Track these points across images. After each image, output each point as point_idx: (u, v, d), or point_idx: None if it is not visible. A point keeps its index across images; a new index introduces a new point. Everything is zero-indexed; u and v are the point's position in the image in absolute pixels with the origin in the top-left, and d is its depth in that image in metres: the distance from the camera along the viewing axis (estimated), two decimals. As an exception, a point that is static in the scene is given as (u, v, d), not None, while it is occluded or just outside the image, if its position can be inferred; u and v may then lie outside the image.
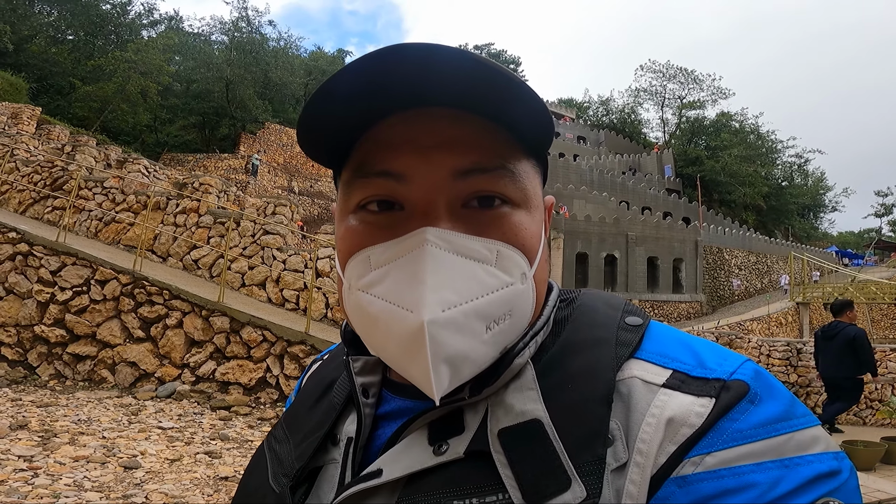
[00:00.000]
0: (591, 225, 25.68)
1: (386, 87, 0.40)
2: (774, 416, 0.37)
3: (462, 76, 0.39)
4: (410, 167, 0.41)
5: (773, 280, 31.66)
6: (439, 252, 0.40)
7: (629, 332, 0.44)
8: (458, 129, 0.42)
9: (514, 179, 0.43)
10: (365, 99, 0.41)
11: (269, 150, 28.12)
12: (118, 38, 29.21)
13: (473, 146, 0.42)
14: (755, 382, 0.39)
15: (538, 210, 0.46)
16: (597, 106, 54.02)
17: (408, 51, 0.38)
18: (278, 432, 0.52)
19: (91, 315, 6.82)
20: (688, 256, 27.08)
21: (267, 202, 10.06)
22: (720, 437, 0.36)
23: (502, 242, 0.42)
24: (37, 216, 9.53)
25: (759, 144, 45.37)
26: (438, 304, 0.38)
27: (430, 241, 0.40)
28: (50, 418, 4.80)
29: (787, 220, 47.08)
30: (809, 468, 0.35)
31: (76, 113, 24.34)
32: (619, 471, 0.37)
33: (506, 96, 0.40)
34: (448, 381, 0.38)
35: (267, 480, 0.48)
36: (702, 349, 0.42)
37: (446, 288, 0.39)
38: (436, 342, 0.37)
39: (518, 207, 0.44)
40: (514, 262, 0.42)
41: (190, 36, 33.91)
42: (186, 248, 8.84)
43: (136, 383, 6.47)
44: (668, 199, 34.71)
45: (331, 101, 0.41)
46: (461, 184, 0.42)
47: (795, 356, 12.48)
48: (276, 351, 6.44)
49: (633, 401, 0.39)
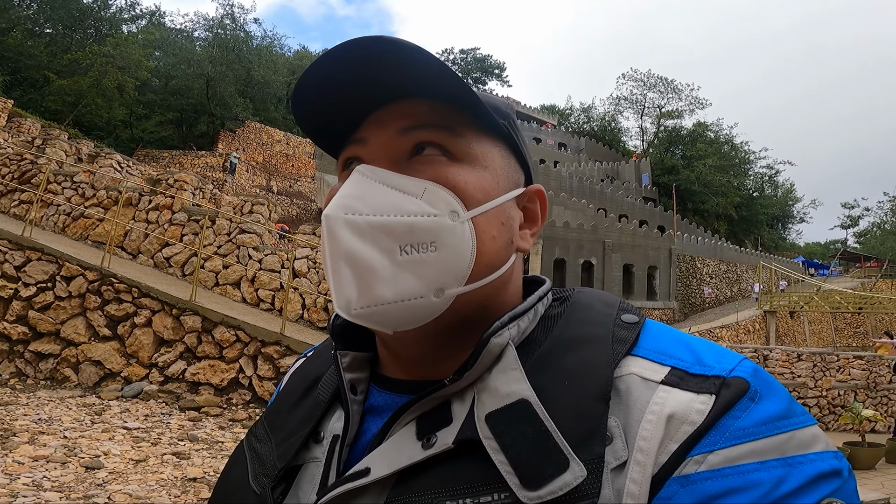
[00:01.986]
0: (570, 231, 26.00)
1: (362, 90, 0.46)
2: (776, 413, 0.37)
3: (426, 73, 0.43)
4: (369, 133, 0.47)
5: (743, 288, 32.49)
6: (364, 179, 0.44)
7: (625, 329, 0.44)
8: (411, 108, 0.46)
9: (454, 136, 0.46)
10: (347, 105, 0.48)
11: (248, 148, 27.69)
12: (98, 33, 28.47)
13: (420, 114, 0.46)
14: (755, 380, 0.38)
15: (490, 172, 0.47)
16: (578, 113, 54.75)
17: (372, 52, 0.43)
18: (259, 431, 0.51)
19: (55, 312, 6.62)
20: (662, 264, 27.63)
21: (244, 200, 9.91)
22: (723, 434, 0.36)
23: (432, 181, 0.44)
24: (3, 209, 9.21)
25: (733, 155, 46.51)
26: (342, 208, 0.42)
27: (358, 169, 0.44)
28: (9, 417, 4.63)
29: (757, 230, 48.34)
30: (812, 466, 0.35)
31: (49, 106, 23.65)
32: (618, 469, 0.36)
33: (448, 80, 0.44)
34: (356, 289, 0.41)
35: (247, 480, 0.47)
36: (699, 347, 0.42)
37: (357, 200, 0.42)
38: (333, 236, 0.41)
39: (459, 161, 0.46)
40: (442, 199, 0.43)
41: (172, 32, 33.24)
42: (158, 245, 8.65)
43: (101, 383, 6.29)
44: (644, 207, 35.37)
45: (315, 108, 0.49)
46: (404, 138, 0.46)
47: (762, 362, 12.85)
48: (250, 351, 6.34)
49: (632, 398, 0.39)
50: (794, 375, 12.59)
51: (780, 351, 13.17)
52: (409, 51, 0.42)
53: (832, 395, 12.11)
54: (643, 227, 29.23)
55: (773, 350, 13.24)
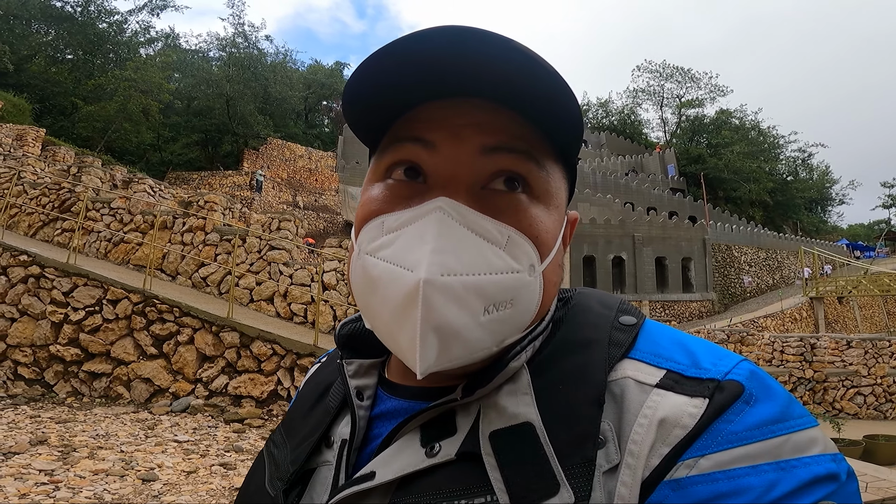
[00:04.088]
0: (597, 227, 25.65)
1: (427, 77, 0.41)
2: (770, 417, 0.36)
3: (503, 70, 0.39)
4: (440, 138, 0.42)
5: (786, 275, 31.35)
6: (450, 221, 0.39)
7: (622, 331, 0.43)
8: (490, 115, 0.42)
9: (538, 169, 0.43)
10: (406, 86, 0.42)
11: (272, 165, 28.33)
12: (117, 57, 29.19)
13: (504, 130, 0.42)
14: (750, 383, 0.38)
15: (558, 211, 0.45)
16: (596, 108, 54.04)
17: (447, 39, 0.38)
18: (277, 437, 0.53)
19: (104, 334, 6.92)
20: (696, 255, 26.95)
21: (272, 218, 10.16)
22: (715, 438, 0.35)
23: (515, 229, 0.41)
24: (47, 238, 9.68)
25: (761, 140, 45.14)
26: (439, 267, 0.38)
27: (443, 209, 0.40)
28: (69, 434, 4.87)
29: (795, 214, 46.69)
30: (806, 470, 0.34)
31: (80, 133, 24.36)
32: (611, 472, 0.36)
33: (544, 93, 0.40)
34: (435, 354, 0.38)
35: (264, 484, 0.48)
36: (697, 349, 0.41)
37: (450, 255, 0.38)
38: (429, 305, 0.37)
39: (537, 201, 0.43)
40: (524, 251, 0.41)
41: (187, 53, 33.76)
42: (195, 265, 8.95)
43: (152, 399, 6.55)
44: (672, 198, 34.61)
45: (371, 85, 0.42)
46: (486, 160, 0.42)
47: (810, 351, 12.32)
48: (286, 364, 6.49)
49: (626, 402, 0.39)
50: (844, 364, 12.07)
51: (829, 339, 12.63)
52: (511, 49, 0.38)
53: (887, 383, 11.56)
54: (673, 219, 28.60)
55: (821, 338, 12.70)
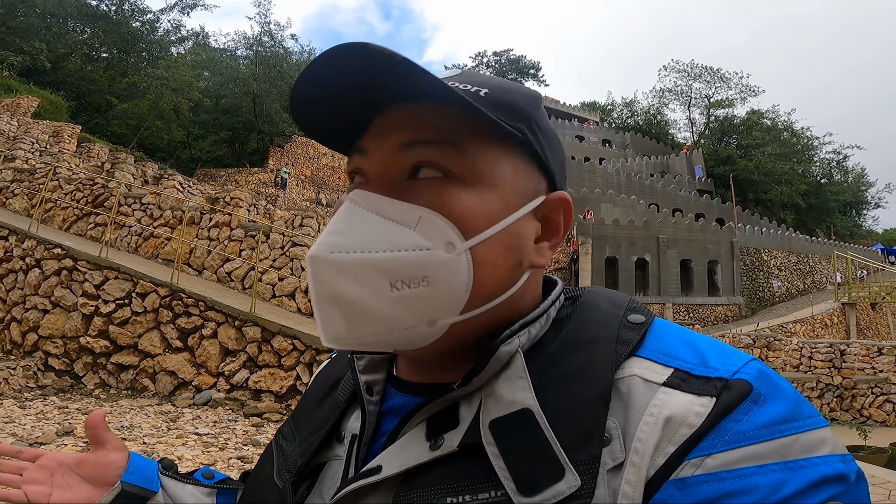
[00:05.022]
0: (620, 229, 25.24)
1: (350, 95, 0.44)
2: (779, 416, 0.36)
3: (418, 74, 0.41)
4: (370, 144, 0.45)
5: (817, 280, 30.40)
6: (356, 208, 0.42)
7: (631, 329, 0.43)
8: (408, 113, 0.44)
9: (459, 154, 0.43)
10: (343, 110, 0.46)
11: (296, 163, 28.72)
12: (149, 56, 29.93)
13: (423, 125, 0.44)
14: (759, 382, 0.37)
15: (497, 190, 0.44)
16: (620, 108, 53.21)
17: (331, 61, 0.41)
18: (286, 429, 0.54)
19: (133, 326, 7.12)
20: (723, 258, 26.29)
21: (294, 214, 10.31)
22: (722, 438, 0.35)
23: (428, 209, 0.42)
24: (80, 233, 10.01)
25: (794, 142, 43.81)
26: (327, 246, 0.41)
27: (350, 198, 0.43)
28: (95, 425, 5.02)
29: (829, 218, 45.19)
30: (814, 471, 0.34)
31: (114, 130, 25.08)
32: (615, 470, 0.36)
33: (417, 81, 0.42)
34: (344, 327, 0.40)
35: (272, 476, 0.50)
36: (706, 348, 0.41)
37: (342, 235, 0.41)
38: (318, 279, 0.40)
39: (460, 182, 0.43)
40: (438, 229, 0.41)
41: (216, 52, 34.19)
42: (220, 260, 9.14)
43: (175, 391, 6.71)
44: (699, 200, 33.85)
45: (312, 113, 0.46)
46: (404, 155, 0.44)
47: (839, 357, 11.95)
48: (306, 359, 6.57)
49: (632, 399, 0.39)
50: (875, 371, 11.66)
51: (859, 345, 12.22)
52: (395, 56, 0.40)
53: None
54: (700, 221, 27.94)
55: (851, 344, 12.31)
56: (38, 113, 19.03)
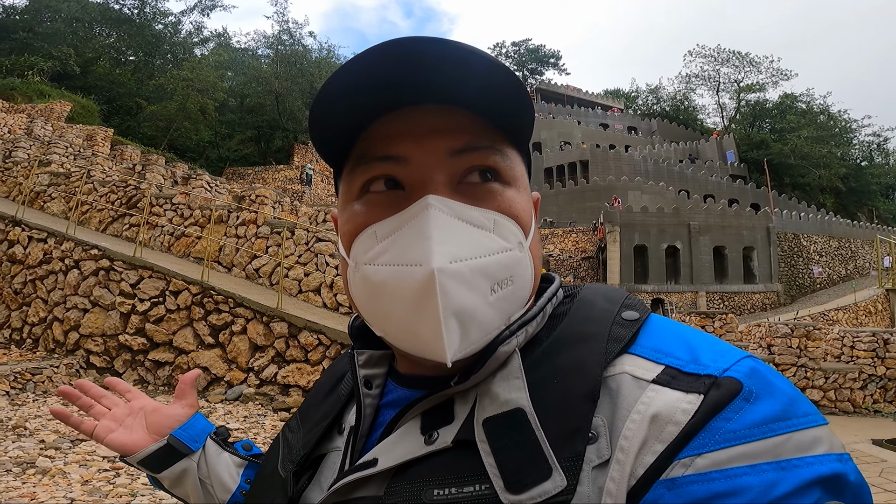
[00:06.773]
0: (649, 216, 24.73)
1: (378, 89, 0.42)
2: (771, 415, 0.35)
3: (456, 73, 0.41)
4: (408, 150, 0.44)
5: (860, 266, 29.10)
6: (442, 215, 0.41)
7: (623, 326, 0.43)
8: (447, 119, 0.44)
9: (503, 158, 0.45)
10: (360, 100, 0.43)
11: (320, 159, 28.93)
12: (174, 57, 30.75)
13: (464, 131, 0.44)
14: (749, 380, 0.36)
15: (526, 192, 0.48)
16: (646, 95, 51.91)
17: (402, 50, 0.40)
18: (293, 422, 0.56)
19: (167, 324, 7.34)
20: (759, 244, 25.45)
21: (318, 210, 10.41)
22: (712, 437, 0.34)
23: (498, 212, 0.44)
24: (116, 233, 10.34)
25: (832, 125, 41.89)
26: (446, 256, 0.39)
27: (433, 205, 0.41)
28: (132, 420, 5.19)
29: (871, 201, 43.23)
30: (809, 470, 0.33)
31: (145, 132, 25.89)
32: (601, 468, 0.36)
33: (495, 89, 0.42)
34: (458, 340, 0.39)
35: (277, 466, 0.51)
36: (700, 344, 0.40)
37: (451, 244, 0.40)
38: (445, 292, 0.38)
39: (509, 185, 0.46)
40: (510, 231, 0.43)
41: (238, 52, 34.92)
42: (248, 257, 9.32)
43: (209, 387, 6.89)
44: (732, 185, 32.86)
45: (329, 103, 0.44)
46: (456, 161, 0.44)
47: (882, 347, 11.41)
48: (331, 354, 6.65)
49: (621, 397, 0.38)
50: (921, 362, 11.09)
51: (905, 335, 11.63)
52: (459, 50, 0.40)
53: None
54: (733, 206, 27.16)
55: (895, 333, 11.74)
56: (72, 117, 19.70)
